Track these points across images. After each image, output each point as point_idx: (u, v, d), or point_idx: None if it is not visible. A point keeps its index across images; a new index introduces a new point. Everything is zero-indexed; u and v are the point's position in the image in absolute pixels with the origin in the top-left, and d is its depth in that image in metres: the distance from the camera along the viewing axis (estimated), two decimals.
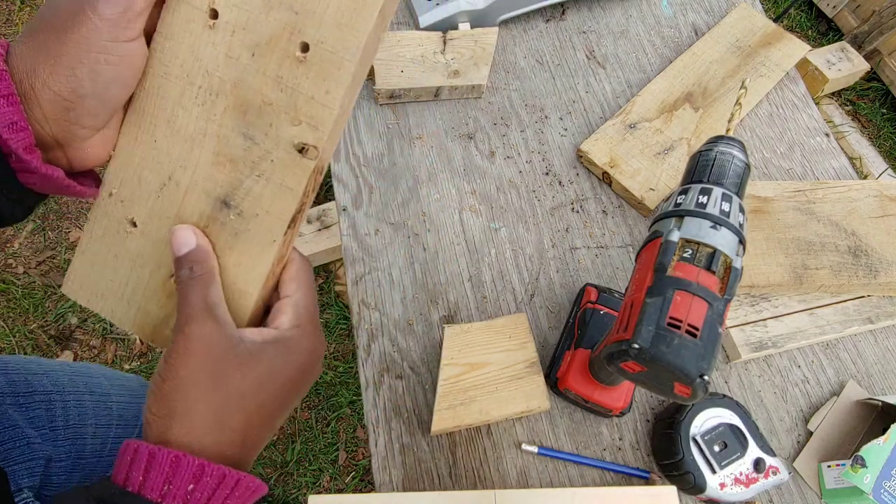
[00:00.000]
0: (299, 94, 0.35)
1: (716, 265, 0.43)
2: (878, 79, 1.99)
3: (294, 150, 0.35)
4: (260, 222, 0.37)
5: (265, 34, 0.34)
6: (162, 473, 0.29)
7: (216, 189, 0.37)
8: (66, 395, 0.67)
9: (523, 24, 0.91)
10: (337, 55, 0.33)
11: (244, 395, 0.33)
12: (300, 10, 0.33)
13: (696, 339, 0.41)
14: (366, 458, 1.37)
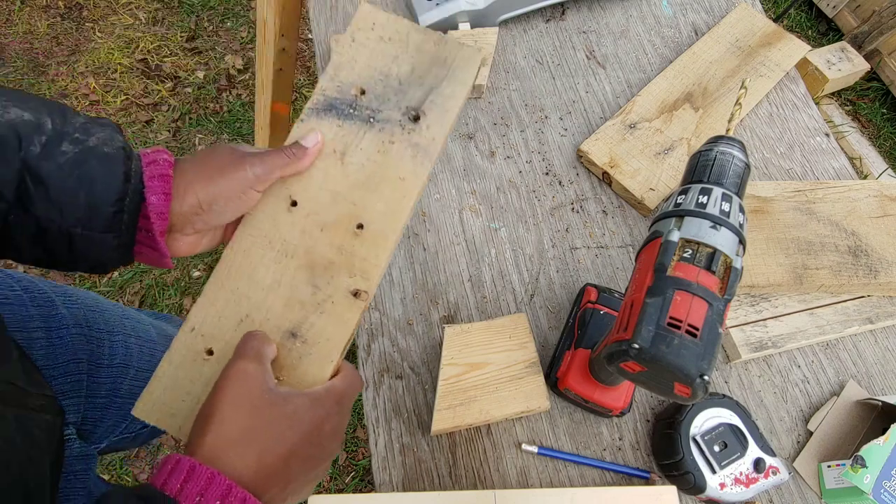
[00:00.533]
0: (355, 256, 0.48)
1: (716, 265, 0.43)
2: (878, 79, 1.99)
3: (350, 294, 0.48)
4: (321, 348, 0.47)
5: (331, 218, 0.49)
6: (197, 486, 0.33)
7: (286, 324, 0.47)
8: (114, 336, 0.69)
9: (523, 24, 0.91)
10: (384, 233, 0.48)
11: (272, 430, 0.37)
12: (358, 203, 0.49)
13: (696, 339, 0.41)
14: (366, 458, 1.37)
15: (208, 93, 1.82)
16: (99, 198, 0.39)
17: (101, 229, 0.40)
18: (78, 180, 0.39)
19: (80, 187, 0.39)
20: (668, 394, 0.45)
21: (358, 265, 0.48)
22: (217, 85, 1.84)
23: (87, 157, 0.39)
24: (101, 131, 0.41)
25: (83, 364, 0.63)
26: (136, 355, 0.71)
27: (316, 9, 0.88)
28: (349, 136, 0.51)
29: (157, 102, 1.81)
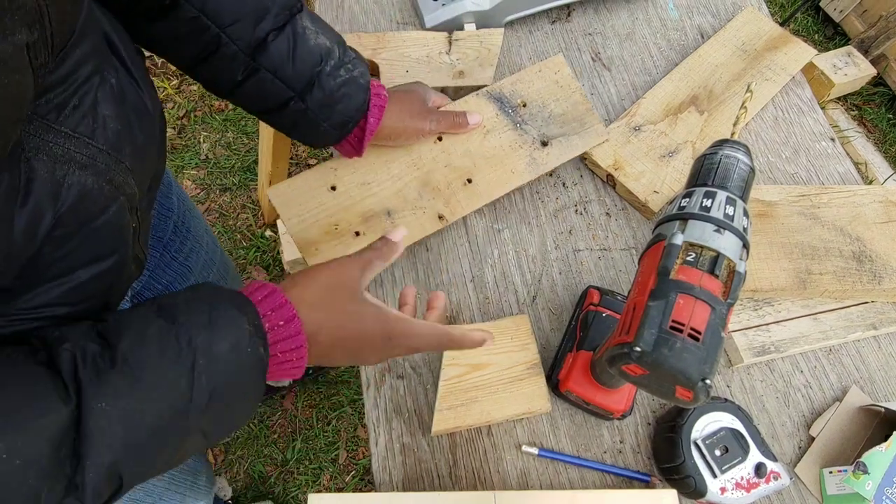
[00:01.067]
0: (454, 196, 0.70)
1: (719, 269, 0.43)
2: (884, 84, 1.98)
3: (437, 215, 0.69)
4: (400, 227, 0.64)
5: (456, 164, 0.71)
6: (272, 304, 0.42)
7: (388, 204, 0.68)
8: (194, 241, 0.79)
9: (529, 26, 0.91)
10: (479, 193, 0.71)
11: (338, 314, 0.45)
12: (477, 166, 0.72)
13: (699, 343, 0.41)
14: (366, 458, 1.37)
15: None
16: (346, 110, 0.59)
17: (334, 127, 0.60)
18: (340, 96, 0.58)
19: (339, 101, 0.58)
20: (669, 397, 0.45)
21: (452, 201, 0.69)
22: None
23: (350, 82, 0.58)
24: (362, 66, 0.60)
25: (159, 248, 0.71)
26: (199, 267, 0.80)
27: (322, 8, 0.88)
28: (499, 125, 0.74)
29: (162, 100, 1.81)
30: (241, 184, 1.68)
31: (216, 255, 0.86)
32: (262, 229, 1.61)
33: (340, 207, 0.67)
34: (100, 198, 0.39)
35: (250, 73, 0.54)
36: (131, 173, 0.42)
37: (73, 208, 0.36)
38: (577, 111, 0.77)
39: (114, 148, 0.39)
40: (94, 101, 0.38)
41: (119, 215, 0.41)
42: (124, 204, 0.41)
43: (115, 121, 0.40)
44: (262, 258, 1.57)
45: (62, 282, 0.39)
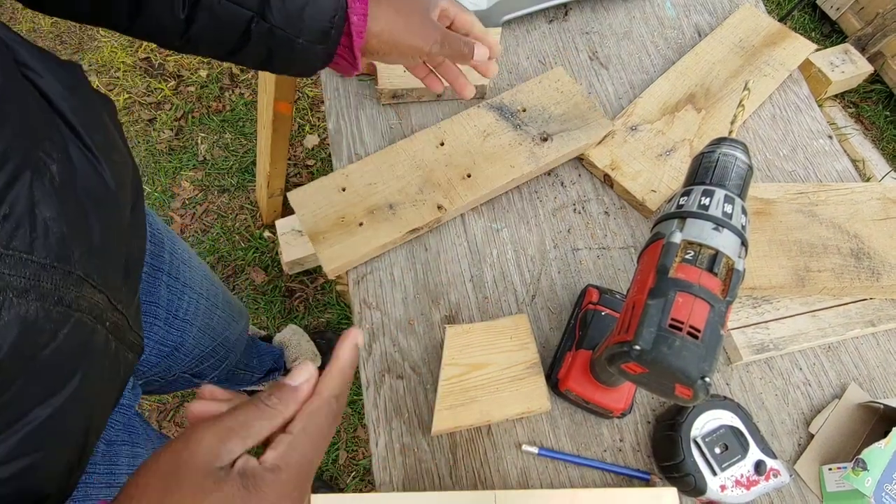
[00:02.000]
0: (454, 189, 0.73)
1: (718, 267, 0.43)
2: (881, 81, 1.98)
3: (436, 205, 0.72)
4: (397, 223, 0.71)
5: (456, 162, 0.75)
6: None
7: (392, 198, 0.73)
8: (192, 292, 0.74)
9: (526, 25, 0.91)
10: (478, 185, 0.74)
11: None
12: (477, 163, 0.75)
13: (698, 341, 0.41)
14: (366, 458, 1.37)
15: (211, 91, 1.82)
16: (318, 14, 0.48)
17: (315, 40, 0.50)
18: None
19: (307, 3, 0.48)
20: (669, 395, 0.45)
21: (452, 194, 0.73)
22: (220, 84, 1.84)
23: None
24: None
25: (161, 310, 0.68)
26: (201, 315, 0.76)
27: None
28: (499, 128, 0.78)
29: (159, 101, 1.81)
30: (240, 185, 1.67)
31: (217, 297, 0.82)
32: (260, 230, 1.61)
33: (348, 204, 0.72)
34: (46, 325, 0.32)
35: (192, 4, 0.46)
36: (87, 281, 0.35)
37: (13, 348, 0.29)
38: (578, 110, 0.79)
39: (60, 258, 0.32)
40: (28, 203, 0.31)
41: (74, 336, 0.34)
42: (82, 320, 0.35)
43: (58, 222, 0.32)
44: (260, 259, 1.57)
45: (17, 429, 0.32)
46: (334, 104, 0.83)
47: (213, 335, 0.81)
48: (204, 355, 0.81)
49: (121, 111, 1.78)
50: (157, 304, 0.67)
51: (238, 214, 1.64)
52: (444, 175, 0.74)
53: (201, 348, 0.79)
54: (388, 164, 0.75)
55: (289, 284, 1.54)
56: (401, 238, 0.71)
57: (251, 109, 1.80)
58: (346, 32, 0.51)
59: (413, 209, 0.72)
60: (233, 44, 0.49)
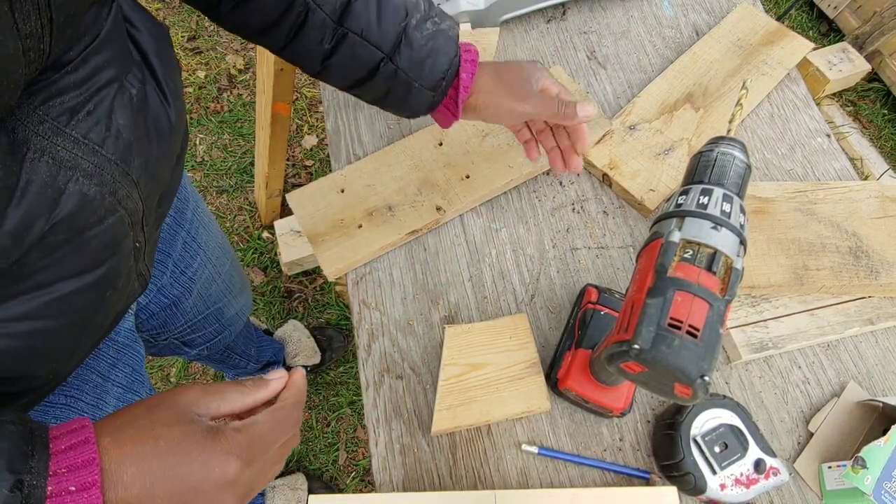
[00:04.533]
0: (452, 190, 0.74)
1: (716, 266, 0.43)
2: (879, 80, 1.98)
3: (434, 207, 0.73)
4: (397, 225, 0.71)
5: (455, 162, 0.75)
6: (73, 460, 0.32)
7: (390, 199, 0.73)
8: (204, 256, 0.77)
9: (524, 25, 0.91)
10: (477, 185, 0.74)
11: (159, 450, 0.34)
12: (475, 163, 0.75)
13: (697, 340, 0.41)
14: (366, 459, 1.37)
15: (209, 92, 1.82)
16: (437, 65, 0.56)
17: (429, 87, 0.57)
18: (429, 50, 0.55)
19: (429, 55, 0.55)
20: (668, 394, 0.45)
21: (451, 195, 0.73)
22: (218, 85, 1.84)
23: (438, 35, 0.56)
24: (449, 20, 0.57)
25: (170, 262, 0.70)
26: (204, 280, 0.78)
27: None
28: (497, 128, 0.77)
29: None
30: (238, 186, 1.67)
31: (223, 266, 0.84)
32: (259, 231, 1.61)
33: (347, 205, 0.72)
34: (99, 209, 0.37)
35: (339, 39, 0.53)
36: (137, 187, 0.41)
37: (69, 217, 0.35)
38: None
39: (123, 159, 0.38)
40: (109, 109, 0.37)
41: (114, 229, 0.40)
42: (124, 218, 0.40)
43: (129, 131, 0.39)
44: (259, 259, 1.57)
45: (43, 293, 0.37)
46: (332, 105, 0.83)
47: (207, 302, 0.82)
48: (197, 323, 0.82)
49: None
50: (168, 255, 0.70)
51: (237, 215, 1.64)
52: (443, 175, 0.74)
53: (195, 313, 0.80)
54: (387, 165, 0.75)
55: (288, 285, 1.54)
56: (400, 240, 0.71)
57: (249, 110, 1.80)
58: (455, 86, 0.58)
59: (412, 210, 0.72)
60: (360, 77, 0.56)
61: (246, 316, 1.00)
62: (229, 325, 0.93)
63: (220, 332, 0.92)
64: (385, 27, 0.53)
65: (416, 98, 0.58)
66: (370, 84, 0.57)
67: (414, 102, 0.59)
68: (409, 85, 0.56)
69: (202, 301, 0.81)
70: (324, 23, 0.52)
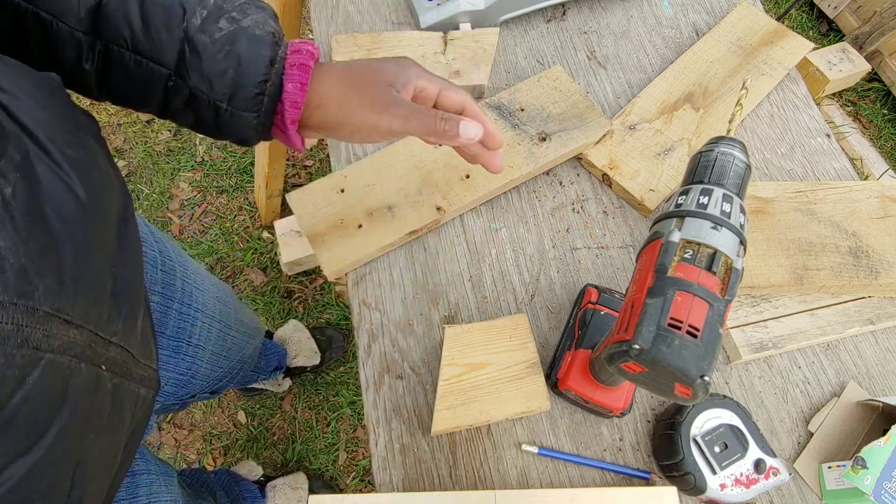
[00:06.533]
0: (452, 189, 0.73)
1: (716, 266, 0.43)
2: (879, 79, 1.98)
3: (435, 206, 0.72)
4: (398, 224, 0.71)
5: (455, 162, 0.74)
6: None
7: (390, 200, 0.72)
8: (204, 317, 0.70)
9: (524, 25, 0.91)
10: (478, 185, 0.74)
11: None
12: (474, 166, 0.71)
13: (697, 340, 0.41)
14: (366, 459, 1.37)
15: None
16: (244, 77, 0.42)
17: (243, 107, 0.43)
18: (227, 57, 0.42)
19: (229, 64, 0.42)
20: (668, 394, 0.45)
21: (451, 195, 0.73)
22: None
23: (238, 37, 0.42)
24: (257, 13, 0.43)
25: (167, 340, 0.64)
26: (213, 338, 0.73)
27: (316, 9, 0.88)
28: (497, 127, 0.74)
29: None
30: (238, 186, 1.67)
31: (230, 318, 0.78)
32: (259, 231, 1.61)
33: (347, 205, 0.72)
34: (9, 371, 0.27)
35: (101, 56, 0.41)
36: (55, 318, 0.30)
37: None
38: (576, 109, 0.79)
39: (21, 294, 0.28)
40: None
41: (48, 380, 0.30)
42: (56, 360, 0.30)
43: (16, 252, 0.28)
44: (259, 259, 1.57)
45: None
46: None
47: (229, 356, 0.78)
48: (222, 375, 0.79)
49: (119, 112, 1.78)
50: (162, 334, 0.63)
51: (237, 215, 1.64)
52: (443, 175, 0.74)
53: (219, 370, 0.76)
54: (387, 165, 0.75)
55: (288, 285, 1.54)
56: (400, 240, 0.71)
57: None
58: (282, 100, 0.45)
59: (412, 210, 0.72)
60: (157, 101, 0.44)
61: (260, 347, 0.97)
62: (249, 362, 0.91)
63: (242, 371, 0.89)
64: (156, 33, 0.41)
65: (232, 123, 0.44)
66: (173, 110, 0.44)
67: (233, 128, 0.45)
68: (216, 107, 0.43)
69: (222, 357, 0.76)
70: (72, 36, 0.39)
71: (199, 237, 1.60)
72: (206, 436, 1.38)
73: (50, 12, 0.38)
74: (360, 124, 0.45)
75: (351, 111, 0.45)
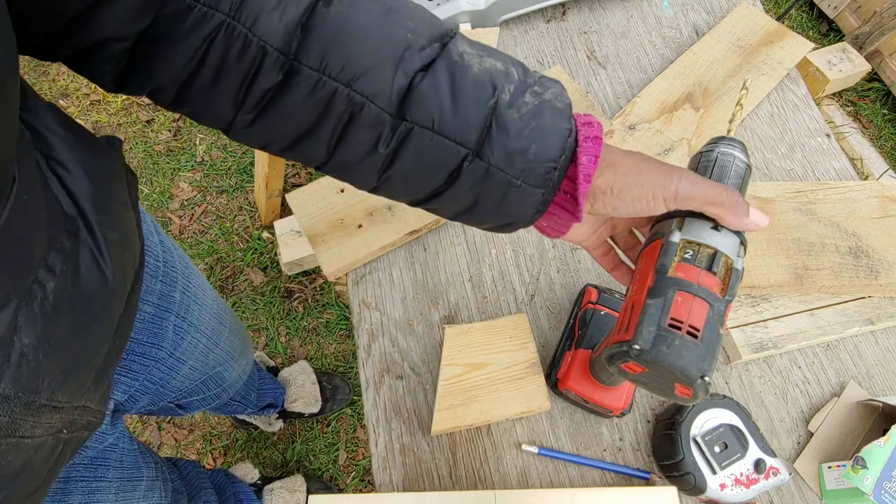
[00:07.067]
0: None
1: (717, 266, 0.43)
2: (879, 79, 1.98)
3: None
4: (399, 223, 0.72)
5: None
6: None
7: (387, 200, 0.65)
8: (196, 332, 0.69)
9: (524, 25, 0.91)
10: None
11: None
12: None
13: (697, 341, 0.41)
14: (366, 459, 1.37)
15: None
16: (545, 151, 0.40)
17: (535, 183, 0.40)
18: (532, 132, 0.39)
19: (533, 139, 0.39)
20: (668, 395, 0.45)
21: None
22: None
23: (543, 110, 0.40)
24: (554, 86, 0.41)
25: (164, 353, 0.63)
26: (197, 354, 0.71)
27: None
28: None
29: None
30: (238, 186, 1.67)
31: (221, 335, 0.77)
32: (258, 231, 1.61)
33: (347, 205, 0.72)
34: None
35: (401, 139, 0.38)
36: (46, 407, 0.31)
37: None
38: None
39: (27, 389, 0.29)
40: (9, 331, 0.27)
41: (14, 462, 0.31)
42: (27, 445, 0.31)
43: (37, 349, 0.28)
44: (259, 259, 1.57)
45: None
46: None
47: (203, 370, 0.76)
48: (191, 389, 0.77)
49: (119, 112, 1.78)
50: (159, 347, 0.62)
51: (237, 215, 1.64)
52: None
53: (188, 382, 0.74)
54: None
55: (287, 285, 1.54)
56: (400, 240, 0.71)
57: None
58: (571, 176, 0.42)
59: (412, 210, 0.72)
60: (436, 186, 0.41)
61: (247, 376, 0.95)
62: (230, 388, 0.88)
63: (220, 395, 0.86)
64: (464, 111, 0.38)
65: (516, 201, 0.42)
66: (450, 193, 0.42)
67: (514, 208, 0.42)
68: (508, 185, 0.40)
69: (197, 371, 0.74)
70: (378, 118, 0.37)
71: (198, 237, 1.60)
72: (206, 436, 1.38)
73: (364, 94, 0.36)
74: (646, 184, 0.42)
75: (637, 170, 0.42)
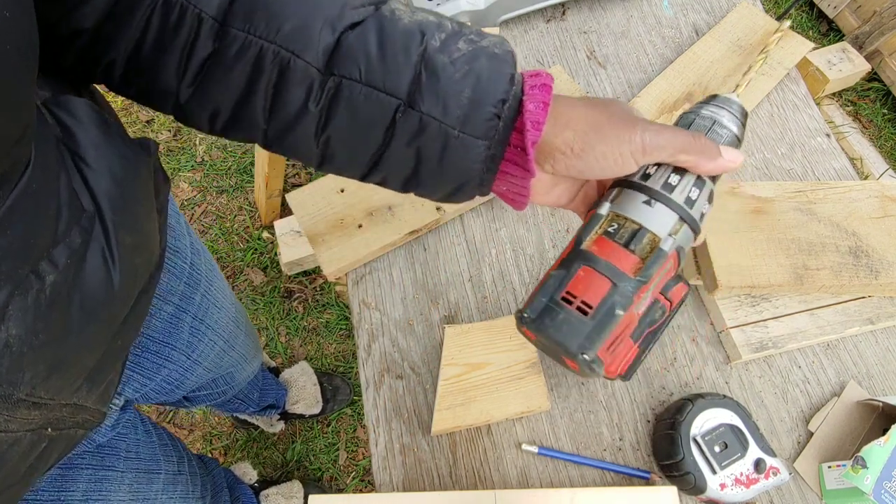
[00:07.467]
0: None
1: (637, 244, 0.40)
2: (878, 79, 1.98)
3: (434, 207, 0.73)
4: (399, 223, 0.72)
5: None
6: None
7: (389, 200, 0.73)
8: (213, 335, 0.70)
9: (524, 25, 0.91)
10: None
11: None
12: None
13: (586, 318, 0.39)
14: (366, 459, 1.37)
15: None
16: (482, 95, 0.37)
17: (476, 133, 0.38)
18: (466, 76, 0.37)
19: (467, 83, 0.37)
20: (564, 365, 0.43)
21: None
22: None
23: (478, 55, 0.38)
24: (494, 38, 0.40)
25: (177, 354, 0.63)
26: (213, 357, 0.73)
27: None
28: None
29: None
30: (238, 186, 1.67)
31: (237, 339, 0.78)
32: (258, 231, 1.61)
33: (347, 205, 0.72)
34: None
35: (332, 94, 0.37)
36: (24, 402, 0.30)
37: None
38: None
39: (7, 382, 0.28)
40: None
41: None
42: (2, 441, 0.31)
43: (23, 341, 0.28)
44: (258, 259, 1.57)
45: None
46: None
47: (216, 370, 0.78)
48: (201, 385, 0.79)
49: (119, 112, 1.78)
50: (173, 347, 0.62)
51: (237, 215, 1.64)
52: None
53: (200, 380, 0.75)
54: None
55: (287, 285, 1.54)
56: (400, 240, 0.71)
57: None
58: (519, 129, 0.38)
59: (412, 210, 0.72)
60: (375, 148, 0.39)
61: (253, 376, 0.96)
62: (235, 386, 0.89)
63: (226, 392, 0.87)
64: (392, 60, 0.36)
65: (459, 155, 0.39)
66: (391, 154, 0.39)
67: (458, 163, 0.39)
68: (446, 136, 0.38)
69: (210, 372, 0.75)
70: (306, 73, 0.36)
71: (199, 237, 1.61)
72: (206, 435, 1.38)
73: (289, 49, 0.35)
74: (610, 141, 0.39)
75: (599, 126, 0.39)
